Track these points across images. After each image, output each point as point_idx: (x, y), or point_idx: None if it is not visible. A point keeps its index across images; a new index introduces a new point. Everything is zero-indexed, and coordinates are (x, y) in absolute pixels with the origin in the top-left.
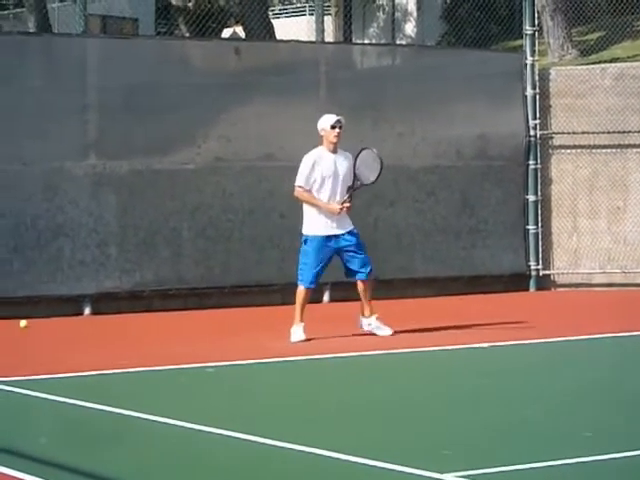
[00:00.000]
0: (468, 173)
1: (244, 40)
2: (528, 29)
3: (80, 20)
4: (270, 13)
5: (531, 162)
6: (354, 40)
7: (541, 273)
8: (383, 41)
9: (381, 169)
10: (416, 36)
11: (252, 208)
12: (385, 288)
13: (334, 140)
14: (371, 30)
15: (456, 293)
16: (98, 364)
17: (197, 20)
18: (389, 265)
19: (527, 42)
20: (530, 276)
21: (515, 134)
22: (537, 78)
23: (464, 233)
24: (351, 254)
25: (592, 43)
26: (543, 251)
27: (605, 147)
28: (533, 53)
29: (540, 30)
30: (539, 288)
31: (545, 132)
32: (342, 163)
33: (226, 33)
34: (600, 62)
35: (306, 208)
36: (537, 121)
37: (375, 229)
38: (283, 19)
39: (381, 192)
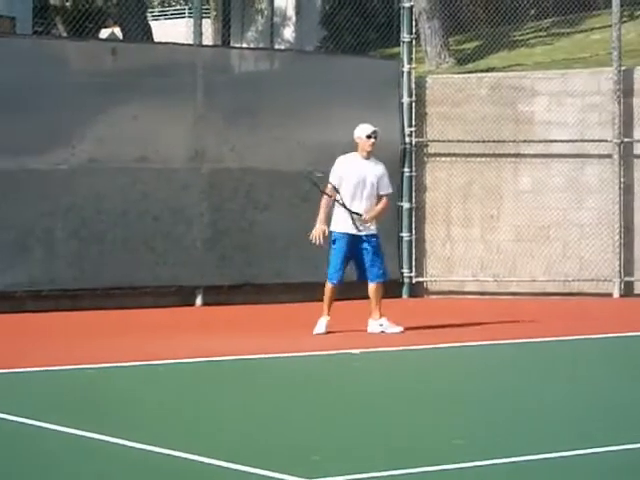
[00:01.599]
0: None
1: (121, 41)
2: (405, 37)
3: None
4: (149, 15)
5: (406, 169)
6: (232, 44)
7: (414, 280)
8: (262, 45)
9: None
10: (295, 41)
11: (126, 210)
12: (259, 293)
13: (369, 149)
14: (250, 34)
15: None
16: None
17: (75, 20)
18: (263, 270)
19: (404, 49)
20: (403, 283)
21: (391, 141)
22: (413, 86)
23: None
24: (367, 257)
25: (469, 52)
26: (416, 258)
27: (480, 156)
28: (410, 61)
29: (417, 38)
30: (412, 295)
31: (420, 140)
32: (372, 170)
33: (104, 34)
34: (477, 71)
35: (336, 206)
36: (413, 129)
37: (250, 233)
38: (162, 21)
39: (256, 196)
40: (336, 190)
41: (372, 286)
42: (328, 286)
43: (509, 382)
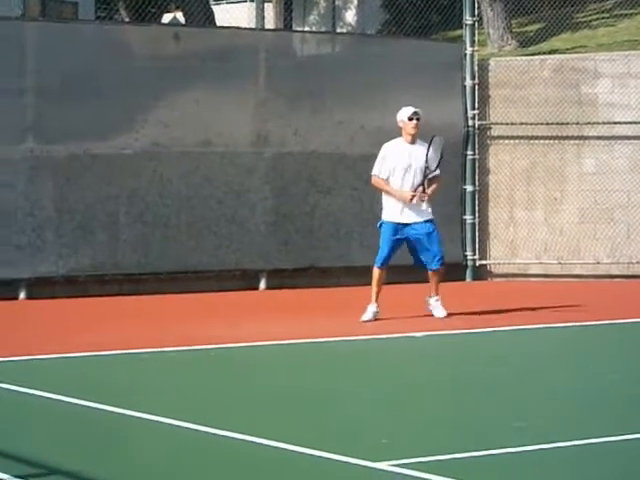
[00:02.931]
0: None
1: (183, 25)
2: (468, 19)
3: (19, 3)
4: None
5: (469, 152)
6: (294, 28)
7: (477, 263)
8: (323, 29)
9: (441, 158)
10: (356, 24)
11: (189, 194)
12: (322, 276)
13: (412, 132)
14: (311, 18)
15: (393, 282)
16: (32, 349)
17: (137, 5)
18: (326, 253)
19: (467, 32)
20: (467, 266)
21: (453, 124)
22: (476, 68)
23: None
24: (420, 244)
25: (531, 34)
26: (480, 241)
27: (543, 138)
28: (473, 43)
29: (480, 20)
30: (475, 278)
31: (483, 122)
32: (419, 154)
33: (166, 18)
34: (539, 53)
35: (383, 195)
36: (475, 111)
37: (312, 217)
38: (224, 5)
39: (319, 180)
40: (384, 180)
41: (429, 274)
42: (375, 270)
43: (567, 365)
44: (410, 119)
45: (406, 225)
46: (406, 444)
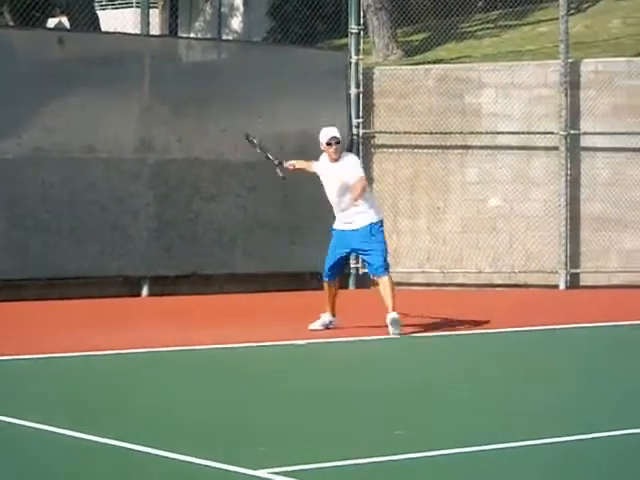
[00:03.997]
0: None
1: (68, 30)
2: (353, 28)
3: None
4: (97, 4)
5: None
6: (180, 34)
7: (360, 272)
8: (209, 36)
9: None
10: (242, 32)
11: (71, 200)
12: (204, 283)
13: (333, 155)
14: (197, 24)
15: (276, 289)
16: None
17: (22, 9)
18: (209, 260)
19: (352, 41)
20: (349, 274)
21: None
22: (361, 77)
23: (284, 229)
24: (362, 252)
25: (417, 44)
26: None
27: (426, 147)
28: (358, 52)
29: (365, 29)
30: (358, 286)
31: (367, 131)
32: (343, 169)
33: (51, 23)
34: (424, 63)
35: (366, 197)
36: (360, 120)
37: (196, 224)
38: (110, 10)
39: (202, 187)
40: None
41: (377, 280)
42: (323, 284)
43: (442, 375)
44: (328, 144)
45: (350, 232)
46: (286, 452)
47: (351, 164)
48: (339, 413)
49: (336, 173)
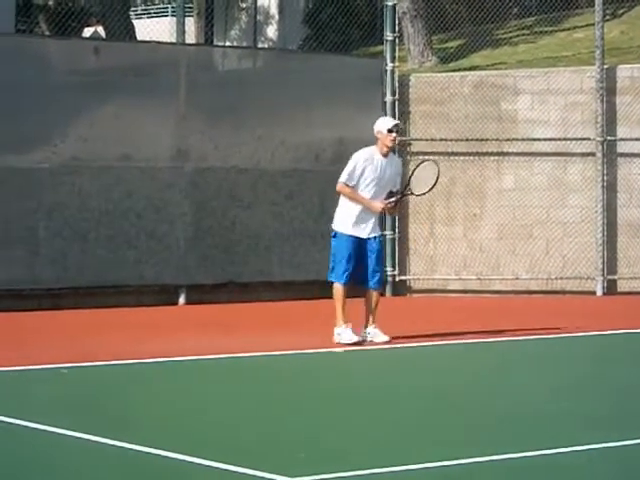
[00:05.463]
0: (327, 178)
1: (104, 40)
2: (389, 35)
3: None
4: (132, 14)
5: None
6: (215, 42)
7: (397, 278)
8: (245, 44)
9: (435, 184)
10: (278, 40)
11: (108, 208)
12: (241, 291)
13: (390, 144)
14: (233, 33)
15: (313, 297)
16: None
17: (58, 18)
18: (246, 268)
19: (387, 48)
20: (386, 281)
21: (374, 140)
22: (397, 84)
23: (321, 237)
24: (368, 261)
25: (452, 51)
26: (399, 257)
27: (463, 154)
28: (393, 59)
29: (401, 36)
30: (395, 294)
31: (403, 138)
32: (389, 168)
33: (87, 32)
34: (459, 70)
35: (341, 203)
36: None
37: (232, 231)
38: (145, 19)
39: (239, 195)
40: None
41: (367, 293)
42: (338, 287)
43: (488, 381)
44: (390, 131)
45: (362, 239)
46: (326, 458)
47: (399, 167)
48: (387, 418)
49: (381, 169)
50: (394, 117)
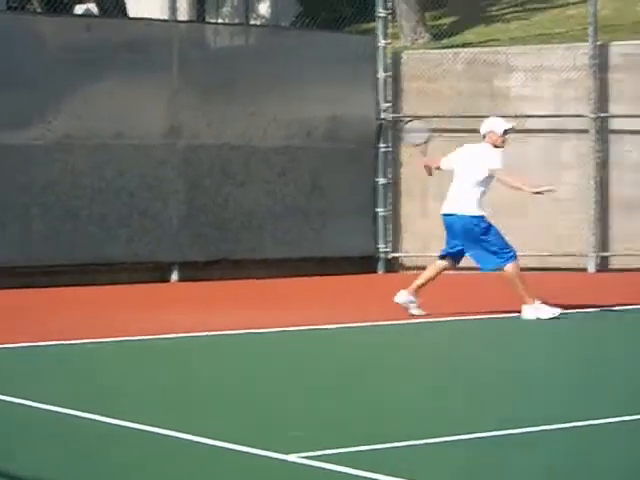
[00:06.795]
0: (319, 155)
1: (96, 17)
2: (381, 12)
3: None
4: None
5: (382, 145)
6: (207, 19)
7: (390, 256)
8: (237, 21)
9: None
10: (270, 16)
11: (101, 186)
12: (234, 268)
13: (501, 146)
14: (225, 9)
15: (306, 274)
16: None
17: None
18: (239, 245)
19: (380, 25)
20: (379, 259)
21: (366, 117)
22: (389, 61)
23: (314, 214)
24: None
25: (445, 27)
26: (392, 234)
27: (456, 131)
28: (385, 36)
29: (393, 13)
30: (388, 271)
31: (396, 115)
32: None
33: (79, 9)
34: (452, 47)
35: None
36: (388, 104)
37: (225, 209)
38: None
39: (232, 172)
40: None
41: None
42: (514, 266)
43: (469, 356)
44: (505, 132)
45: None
46: (321, 436)
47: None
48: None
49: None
50: (386, 94)
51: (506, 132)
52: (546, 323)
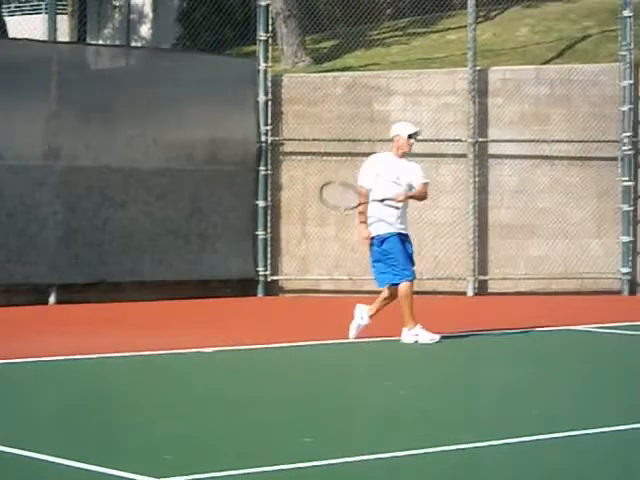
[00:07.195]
0: (199, 177)
1: None
2: (262, 35)
3: None
4: (5, 11)
5: (262, 168)
6: (89, 41)
7: (269, 279)
8: (118, 42)
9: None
10: (151, 38)
11: None
12: (113, 291)
13: (406, 149)
14: (106, 31)
15: (184, 297)
16: None
17: None
18: (118, 267)
19: (260, 48)
20: (258, 281)
21: (247, 140)
22: (270, 84)
23: (193, 237)
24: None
25: (326, 51)
26: (272, 257)
27: (336, 155)
28: (266, 59)
29: (274, 36)
30: (267, 294)
31: (276, 138)
32: (406, 170)
33: None
34: (333, 70)
35: (396, 206)
36: (268, 127)
37: (104, 231)
38: (18, 17)
39: (110, 194)
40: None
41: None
42: (409, 285)
43: (331, 383)
44: (410, 137)
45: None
46: (195, 459)
47: (417, 169)
48: (246, 419)
49: (398, 170)
50: (266, 117)
51: (411, 136)
52: (422, 347)
